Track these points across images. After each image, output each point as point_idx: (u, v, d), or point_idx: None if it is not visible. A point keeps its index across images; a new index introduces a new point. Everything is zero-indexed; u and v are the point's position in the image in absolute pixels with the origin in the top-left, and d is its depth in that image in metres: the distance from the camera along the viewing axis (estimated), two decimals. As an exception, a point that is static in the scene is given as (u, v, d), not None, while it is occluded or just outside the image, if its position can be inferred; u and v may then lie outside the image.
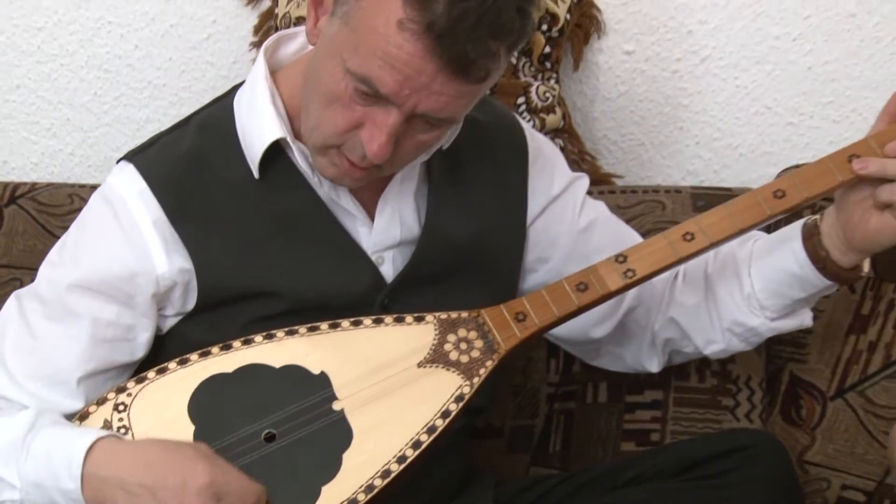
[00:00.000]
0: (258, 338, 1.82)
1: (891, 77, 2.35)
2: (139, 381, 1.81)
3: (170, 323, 1.88)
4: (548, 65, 2.31)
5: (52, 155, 2.43)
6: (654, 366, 2.08)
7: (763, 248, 1.96)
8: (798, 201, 1.86)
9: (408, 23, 1.64)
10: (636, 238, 2.06)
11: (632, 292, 2.02)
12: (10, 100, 2.40)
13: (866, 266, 1.93)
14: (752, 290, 1.97)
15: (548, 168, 2.03)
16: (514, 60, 2.28)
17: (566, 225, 2.02)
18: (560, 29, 2.29)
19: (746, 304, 1.98)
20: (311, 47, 1.85)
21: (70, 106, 2.41)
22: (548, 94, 2.30)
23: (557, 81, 2.32)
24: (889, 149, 1.81)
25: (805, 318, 2.01)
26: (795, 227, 1.94)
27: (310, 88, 1.78)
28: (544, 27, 2.28)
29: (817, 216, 1.93)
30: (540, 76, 2.31)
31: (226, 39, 2.37)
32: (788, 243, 1.93)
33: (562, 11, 2.28)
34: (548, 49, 2.30)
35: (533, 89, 2.30)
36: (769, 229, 2.00)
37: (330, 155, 1.77)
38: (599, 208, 2.07)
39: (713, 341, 2.02)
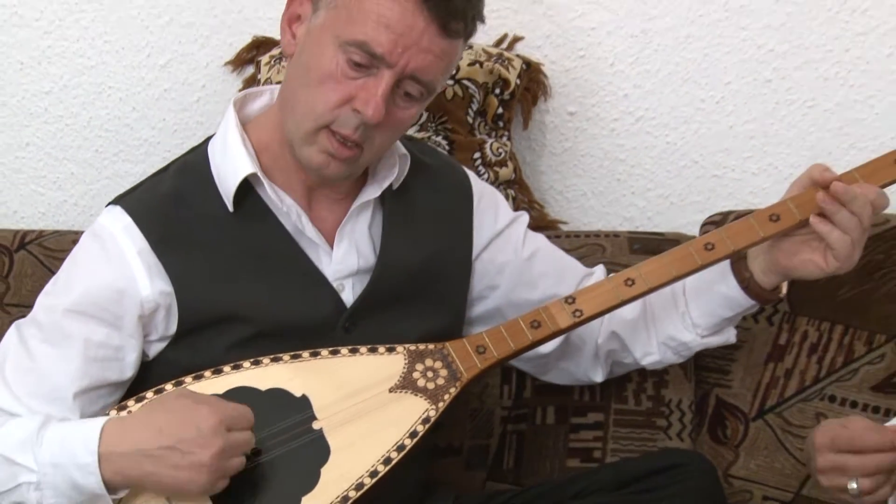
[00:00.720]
0: (246, 363, 1.81)
1: (802, 135, 2.37)
2: (138, 401, 1.80)
3: (156, 349, 1.88)
4: (500, 124, 2.32)
5: (57, 205, 2.42)
6: (598, 376, 2.09)
7: None
8: (725, 253, 1.90)
9: None
10: (574, 263, 2.09)
11: None
12: (20, 156, 2.40)
13: (784, 288, 1.96)
14: (686, 308, 2.00)
15: (491, 207, 2.04)
16: (470, 120, 2.28)
17: (511, 255, 2.04)
18: (511, 92, 2.30)
19: (681, 320, 2.00)
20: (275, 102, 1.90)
21: (74, 162, 2.41)
22: (500, 150, 2.31)
23: (509, 138, 2.33)
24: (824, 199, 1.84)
25: (730, 336, 2.03)
26: None
27: (294, 85, 1.82)
28: (497, 90, 2.29)
29: None
30: (493, 134, 2.32)
31: (214, 102, 2.38)
32: (718, 266, 1.94)
33: (512, 77, 2.30)
34: (500, 110, 2.31)
35: (487, 145, 2.30)
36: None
37: (319, 140, 1.79)
38: (540, 239, 2.09)
39: (650, 353, 2.04)
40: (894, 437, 1.76)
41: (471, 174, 2.07)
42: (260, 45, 2.34)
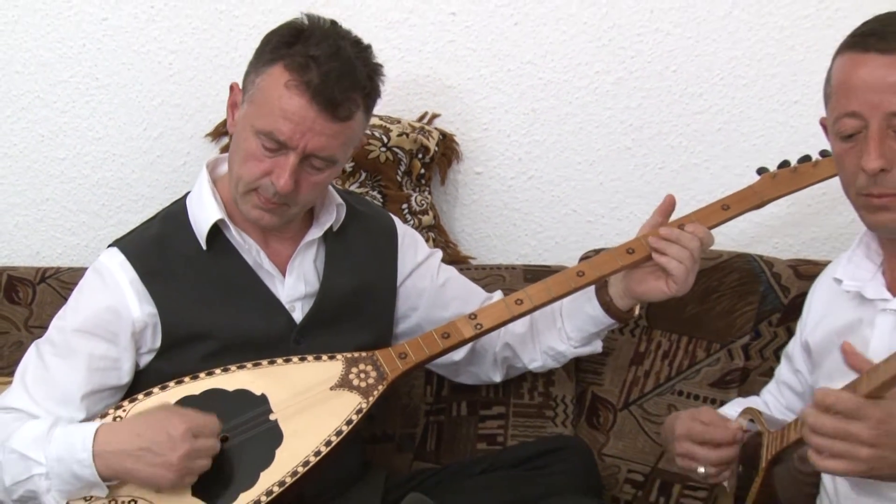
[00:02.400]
0: (218, 370, 1.82)
1: (655, 190, 2.35)
2: (131, 401, 1.81)
3: (145, 360, 1.88)
4: (423, 181, 2.33)
5: (72, 248, 2.40)
6: (497, 377, 2.10)
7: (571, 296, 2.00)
8: (592, 279, 1.93)
9: (292, 84, 1.72)
10: (478, 288, 2.11)
11: None
12: (42, 209, 2.38)
13: (637, 310, 1.99)
14: (562, 325, 2.02)
15: (412, 244, 2.05)
16: (399, 179, 2.29)
17: (428, 282, 2.05)
18: (431, 157, 2.31)
19: (558, 335, 2.02)
20: None
21: (85, 213, 2.39)
22: (423, 202, 2.32)
23: (430, 193, 2.34)
24: (662, 234, 1.90)
25: (597, 347, 2.06)
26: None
27: (232, 158, 1.83)
28: (420, 155, 2.29)
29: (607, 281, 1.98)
30: (417, 189, 2.33)
31: (197, 165, 2.32)
32: (586, 293, 1.98)
33: (432, 145, 2.30)
34: (422, 171, 2.31)
35: (413, 198, 2.31)
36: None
37: (251, 198, 1.81)
38: (451, 270, 2.10)
39: (534, 360, 2.05)
40: (736, 433, 1.79)
41: (396, 219, 2.08)
42: (233, 121, 2.34)
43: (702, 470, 1.79)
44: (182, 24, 2.33)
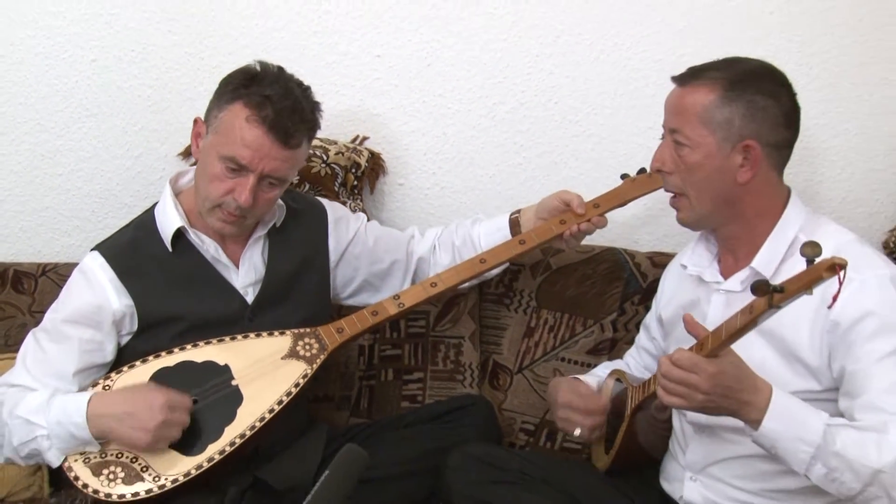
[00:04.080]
0: (189, 346, 1.83)
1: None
2: (118, 373, 1.81)
3: (125, 340, 1.88)
4: (355, 191, 2.32)
5: (67, 247, 2.38)
6: None
7: (487, 229, 2.06)
8: (492, 265, 1.98)
9: (252, 118, 1.73)
10: (399, 233, 2.13)
11: (414, 261, 2.08)
12: (42, 215, 2.36)
13: None
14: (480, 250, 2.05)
15: (343, 223, 2.07)
16: (336, 189, 2.27)
17: (362, 246, 2.06)
18: (362, 172, 2.31)
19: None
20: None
21: (78, 218, 2.37)
22: (355, 208, 2.29)
23: (361, 200, 2.33)
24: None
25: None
26: (505, 218, 2.05)
27: (199, 179, 1.83)
28: (353, 170, 2.28)
29: (518, 212, 2.06)
30: (351, 198, 2.32)
31: None
32: (503, 230, 2.03)
33: (363, 161, 2.30)
34: (355, 182, 2.30)
35: (347, 205, 2.26)
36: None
37: (217, 213, 1.81)
38: (375, 227, 2.13)
39: None
40: (606, 405, 1.85)
41: (326, 204, 2.08)
42: (199, 143, 2.33)
43: (578, 431, 1.85)
44: (157, 65, 2.33)
